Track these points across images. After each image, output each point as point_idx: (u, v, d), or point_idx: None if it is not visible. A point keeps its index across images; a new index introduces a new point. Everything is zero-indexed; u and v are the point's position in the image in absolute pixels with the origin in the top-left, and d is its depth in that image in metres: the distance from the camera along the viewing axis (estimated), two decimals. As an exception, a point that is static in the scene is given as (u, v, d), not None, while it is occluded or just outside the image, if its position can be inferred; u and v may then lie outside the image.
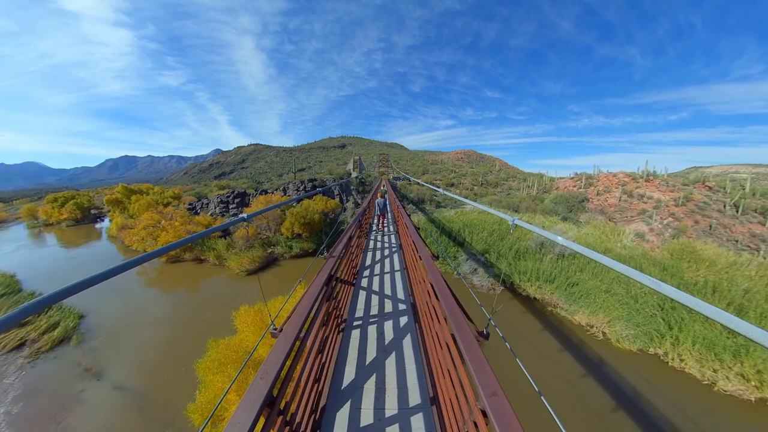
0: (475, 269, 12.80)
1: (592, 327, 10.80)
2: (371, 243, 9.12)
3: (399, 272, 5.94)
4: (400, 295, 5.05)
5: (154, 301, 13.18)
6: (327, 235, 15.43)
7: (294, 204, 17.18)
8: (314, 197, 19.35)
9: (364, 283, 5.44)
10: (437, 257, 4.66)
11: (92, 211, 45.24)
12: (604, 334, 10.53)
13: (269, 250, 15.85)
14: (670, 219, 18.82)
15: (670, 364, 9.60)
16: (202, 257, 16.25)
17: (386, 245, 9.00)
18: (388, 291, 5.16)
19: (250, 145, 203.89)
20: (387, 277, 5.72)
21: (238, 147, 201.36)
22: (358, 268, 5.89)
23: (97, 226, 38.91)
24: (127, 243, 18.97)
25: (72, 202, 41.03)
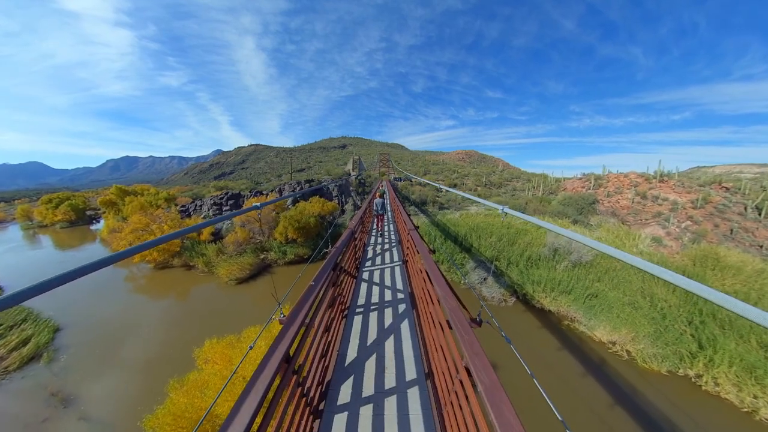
0: (485, 278, 11.79)
1: (614, 344, 9.77)
2: (362, 287, 5.76)
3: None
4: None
5: (137, 313, 12.21)
6: (323, 240, 14.45)
7: (289, 206, 16.24)
8: (310, 199, 18.34)
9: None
10: (477, 321, 2.60)
11: (88, 213, 44.53)
12: (628, 353, 9.50)
13: (262, 256, 14.85)
14: (689, 222, 17.75)
15: (703, 387, 8.58)
16: (191, 263, 15.29)
17: (387, 287, 5.68)
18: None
19: (251, 145, 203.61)
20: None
21: (238, 147, 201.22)
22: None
23: (93, 227, 38.28)
24: (114, 247, 18.06)
25: (66, 204, 40.29)
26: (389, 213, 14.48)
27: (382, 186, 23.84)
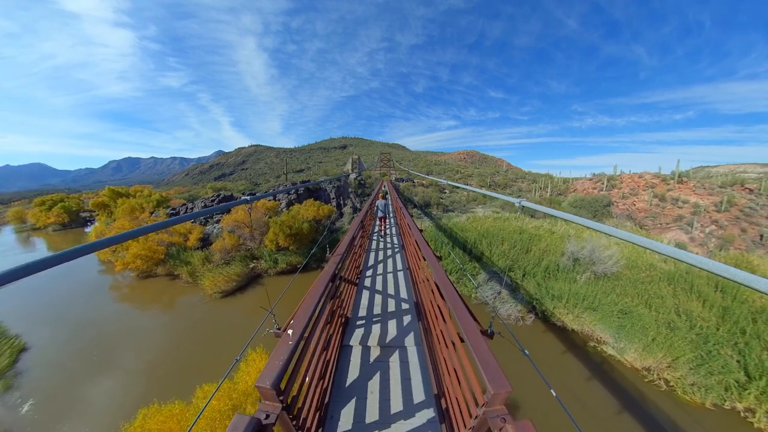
0: (499, 292, 10.53)
1: (649, 371, 8.51)
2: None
3: None
4: None
5: (112, 331, 11.04)
6: (317, 247, 13.21)
7: (284, 210, 15.04)
8: (305, 202, 17.07)
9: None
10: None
11: (82, 215, 43.68)
12: (666, 382, 8.25)
13: (251, 265, 13.62)
14: (713, 227, 16.45)
15: (755, 424, 7.34)
16: (175, 272, 14.09)
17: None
18: None
19: (251, 146, 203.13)
20: None
21: (238, 148, 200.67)
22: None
23: (87, 230, 37.39)
24: (96, 253, 16.93)
25: (59, 206, 39.37)
26: (391, 216, 13.58)
27: (383, 187, 22.67)
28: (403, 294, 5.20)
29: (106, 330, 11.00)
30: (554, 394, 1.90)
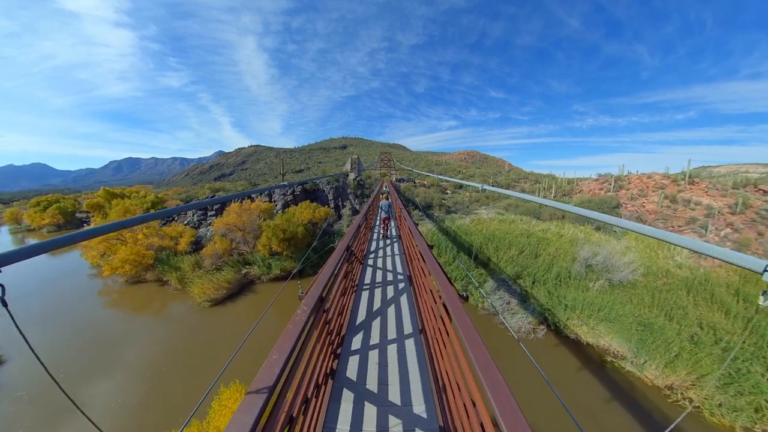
0: (507, 302, 9.80)
1: (671, 390, 7.80)
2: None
3: None
4: None
5: (98, 339, 10.36)
6: (316, 253, 12.49)
7: (279, 212, 14.35)
8: (300, 204, 16.36)
9: None
10: None
11: (78, 216, 43.13)
12: (690, 401, 7.53)
13: (244, 271, 12.92)
14: (728, 230, 15.73)
15: (793, 450, 6.62)
16: (164, 278, 13.39)
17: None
18: None
19: (251, 146, 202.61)
20: None
21: (238, 149, 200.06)
22: None
23: (82, 231, 36.85)
24: (85, 255, 16.25)
25: (54, 206, 38.86)
26: (394, 218, 12.98)
27: (384, 187, 22.03)
28: (417, 397, 2.78)
29: (87, 341, 10.28)
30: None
